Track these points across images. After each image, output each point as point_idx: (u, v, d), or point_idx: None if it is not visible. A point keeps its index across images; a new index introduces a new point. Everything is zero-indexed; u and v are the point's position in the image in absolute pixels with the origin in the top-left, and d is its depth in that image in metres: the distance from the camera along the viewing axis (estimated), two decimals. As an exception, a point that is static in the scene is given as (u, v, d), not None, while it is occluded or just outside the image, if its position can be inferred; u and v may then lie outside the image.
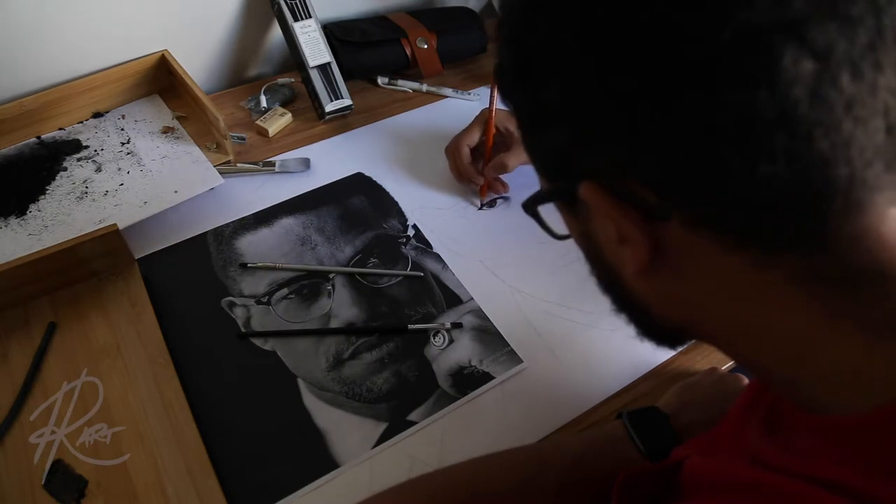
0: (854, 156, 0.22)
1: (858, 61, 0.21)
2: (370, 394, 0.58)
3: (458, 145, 0.74)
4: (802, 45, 0.21)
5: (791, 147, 0.22)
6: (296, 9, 0.83)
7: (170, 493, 0.51)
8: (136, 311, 0.62)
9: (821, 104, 0.21)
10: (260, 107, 0.85)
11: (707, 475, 0.33)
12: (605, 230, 0.29)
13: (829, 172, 0.22)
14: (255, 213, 0.73)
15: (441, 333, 0.63)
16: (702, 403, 0.51)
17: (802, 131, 0.21)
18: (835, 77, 0.21)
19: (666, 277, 0.29)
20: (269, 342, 0.61)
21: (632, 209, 0.27)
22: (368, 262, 0.69)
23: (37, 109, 0.76)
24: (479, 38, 0.96)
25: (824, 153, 0.22)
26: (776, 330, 0.27)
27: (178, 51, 0.82)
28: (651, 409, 0.50)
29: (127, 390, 0.56)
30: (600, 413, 0.58)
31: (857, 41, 0.21)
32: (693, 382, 0.55)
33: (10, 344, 0.59)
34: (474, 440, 0.56)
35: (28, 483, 0.50)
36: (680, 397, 0.53)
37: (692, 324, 0.32)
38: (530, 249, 0.71)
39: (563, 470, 0.46)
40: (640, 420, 0.48)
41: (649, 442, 0.47)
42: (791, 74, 0.21)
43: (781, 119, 0.21)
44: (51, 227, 0.68)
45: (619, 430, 0.48)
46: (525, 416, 0.58)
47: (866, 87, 0.21)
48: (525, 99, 0.30)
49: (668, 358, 0.62)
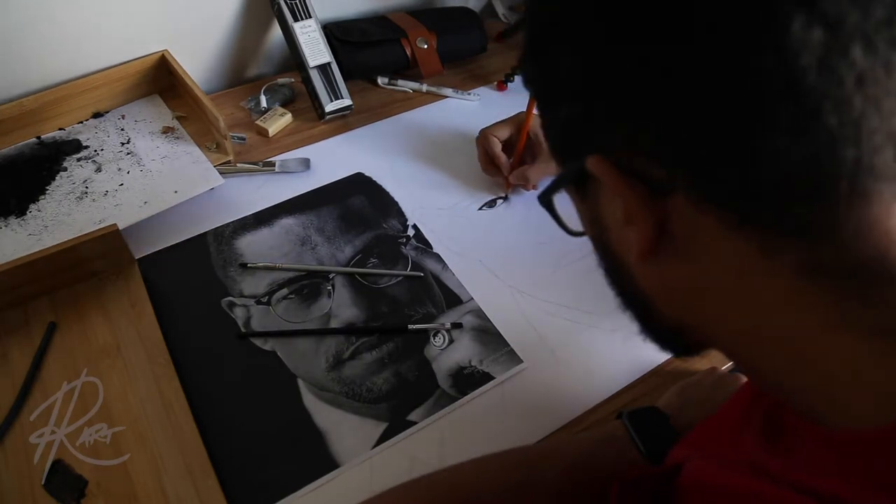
0: (863, 137, 0.21)
1: (872, 35, 0.20)
2: (370, 394, 0.58)
3: (488, 138, 0.74)
4: (812, 13, 0.20)
5: (798, 120, 0.21)
6: (296, 9, 0.83)
7: (170, 493, 0.51)
8: (136, 311, 0.62)
9: (830, 75, 0.20)
10: (260, 107, 0.85)
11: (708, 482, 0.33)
12: (613, 211, 0.29)
13: (836, 152, 0.21)
14: (255, 213, 0.73)
15: (441, 333, 0.63)
16: (702, 403, 0.51)
17: (810, 103, 0.21)
18: (846, 48, 0.20)
19: (670, 262, 0.28)
20: (269, 342, 0.61)
21: (638, 184, 0.26)
22: (368, 262, 0.69)
23: (37, 109, 0.76)
24: (479, 38, 0.96)
25: (832, 130, 0.21)
26: (780, 328, 0.26)
27: (178, 51, 0.82)
28: (651, 409, 0.50)
29: (127, 390, 0.56)
30: (600, 413, 0.58)
31: (872, 15, 0.20)
32: (693, 382, 0.55)
33: (10, 344, 0.59)
34: (474, 440, 0.56)
35: (28, 483, 0.50)
36: (680, 397, 0.53)
37: (694, 322, 0.31)
38: (530, 249, 0.71)
39: (562, 471, 0.45)
40: (640, 420, 0.48)
41: (650, 442, 0.46)
42: (799, 41, 0.20)
43: (789, 88, 0.21)
44: (51, 227, 0.68)
45: (619, 431, 0.48)
46: (525, 416, 0.58)
47: (880, 64, 0.20)
48: (539, 75, 0.29)
49: (668, 358, 0.62)
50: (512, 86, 0.94)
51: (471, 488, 0.45)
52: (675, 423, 0.49)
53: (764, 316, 0.26)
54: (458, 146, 0.83)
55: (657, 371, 0.61)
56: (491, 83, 0.95)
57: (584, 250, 0.71)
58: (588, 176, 0.28)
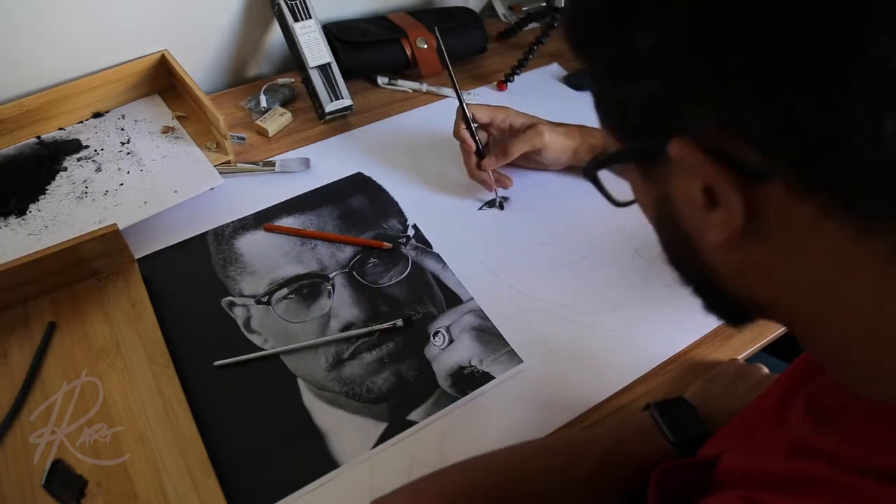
0: None
1: None
2: (370, 394, 0.58)
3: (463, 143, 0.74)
4: None
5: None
6: (296, 9, 0.83)
7: (170, 493, 0.51)
8: (136, 311, 0.62)
9: None
10: (260, 107, 0.85)
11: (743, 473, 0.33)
12: (688, 194, 0.27)
13: None
14: (255, 213, 0.73)
15: (441, 333, 0.63)
16: (726, 393, 0.53)
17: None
18: None
19: (755, 247, 0.27)
20: (270, 342, 0.61)
21: (730, 169, 0.24)
22: (368, 262, 0.69)
23: (37, 109, 0.76)
24: (479, 38, 0.96)
25: None
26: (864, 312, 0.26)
27: (179, 51, 0.82)
28: (678, 399, 0.52)
29: (127, 390, 0.56)
30: (600, 413, 0.58)
31: None
32: (717, 374, 0.57)
33: (10, 344, 0.59)
34: (474, 440, 0.56)
35: (28, 483, 0.50)
36: (705, 388, 0.55)
37: (770, 300, 0.30)
38: (530, 249, 0.71)
39: (595, 458, 0.47)
40: (667, 411, 0.50)
41: (678, 431, 0.48)
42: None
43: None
44: (51, 227, 0.68)
45: (648, 421, 0.50)
46: (525, 416, 0.58)
47: None
48: (613, 44, 0.26)
49: (667, 358, 0.62)
50: (512, 86, 0.94)
51: (507, 475, 0.46)
52: (702, 412, 0.50)
53: (852, 299, 0.26)
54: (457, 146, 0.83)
55: (657, 371, 0.61)
56: (491, 83, 0.95)
57: (584, 250, 0.71)
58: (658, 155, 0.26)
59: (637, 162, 0.30)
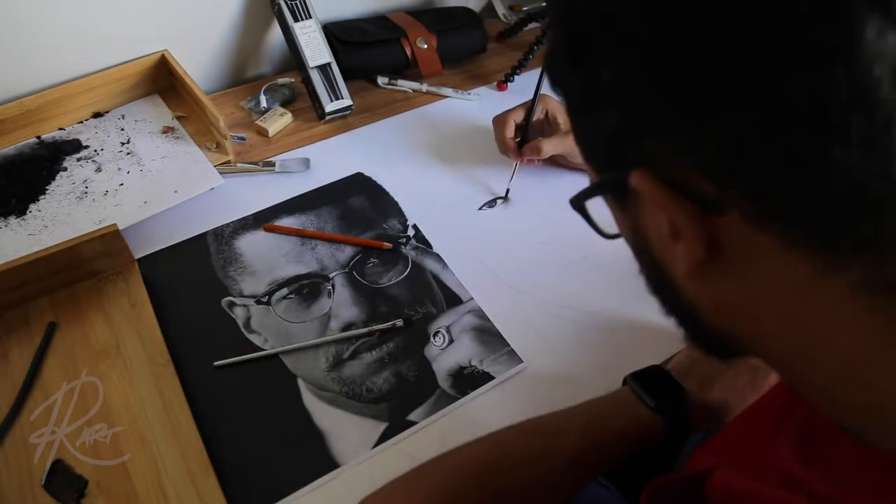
0: None
1: None
2: (370, 394, 0.58)
3: (505, 119, 0.75)
4: (887, 16, 0.18)
5: (869, 133, 0.19)
6: (296, 9, 0.83)
7: (170, 493, 0.51)
8: (136, 311, 0.62)
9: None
10: (260, 107, 0.85)
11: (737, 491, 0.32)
12: (657, 224, 0.27)
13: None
14: (255, 213, 0.73)
15: (441, 333, 0.63)
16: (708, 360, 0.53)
17: (883, 116, 0.19)
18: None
19: (720, 278, 0.27)
20: (270, 342, 0.61)
21: (688, 201, 0.24)
22: (368, 262, 0.69)
23: (37, 109, 0.76)
24: (479, 38, 0.96)
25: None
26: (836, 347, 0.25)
27: (178, 51, 0.82)
28: (653, 367, 0.52)
29: (127, 390, 0.56)
30: (600, 413, 0.58)
31: None
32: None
33: (10, 344, 0.59)
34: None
35: (28, 483, 0.50)
36: (688, 356, 0.54)
37: (747, 335, 0.29)
38: (530, 249, 0.71)
39: (578, 437, 0.47)
40: (644, 379, 0.50)
41: (657, 395, 0.48)
42: (873, 48, 0.19)
43: (859, 99, 0.19)
44: (51, 227, 0.68)
45: (627, 394, 0.50)
46: (525, 416, 0.57)
47: None
48: (576, 79, 0.27)
49: (667, 358, 0.61)
50: (512, 86, 0.94)
51: (493, 461, 0.46)
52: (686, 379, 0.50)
53: (819, 334, 0.25)
54: (458, 146, 0.83)
55: (657, 371, 0.61)
56: (491, 83, 0.94)
57: (584, 250, 0.71)
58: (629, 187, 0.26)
59: (611, 193, 0.31)
